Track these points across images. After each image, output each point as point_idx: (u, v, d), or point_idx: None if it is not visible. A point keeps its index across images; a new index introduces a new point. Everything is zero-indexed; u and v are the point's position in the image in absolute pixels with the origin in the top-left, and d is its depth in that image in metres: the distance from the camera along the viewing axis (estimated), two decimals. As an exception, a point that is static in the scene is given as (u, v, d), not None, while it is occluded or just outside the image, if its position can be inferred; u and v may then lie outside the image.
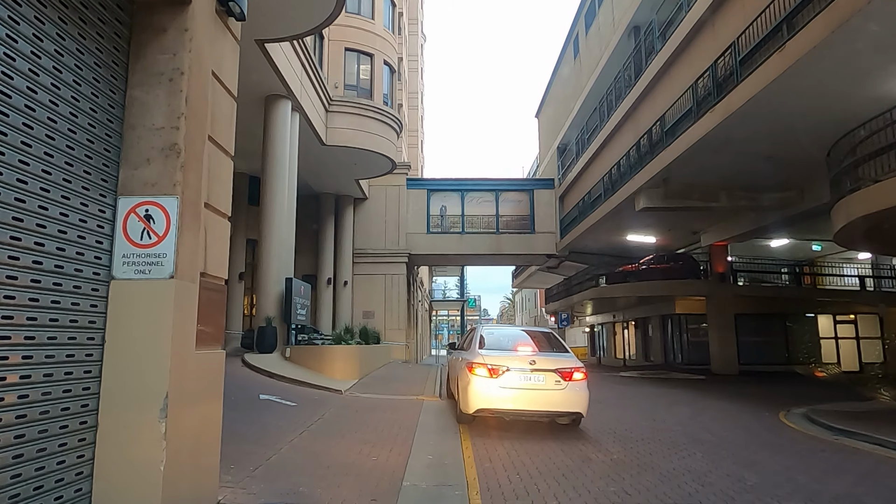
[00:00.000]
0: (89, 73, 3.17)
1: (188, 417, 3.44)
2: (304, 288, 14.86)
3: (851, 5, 7.36)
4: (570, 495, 4.86)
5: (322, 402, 9.47)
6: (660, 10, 15.55)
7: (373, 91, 18.06)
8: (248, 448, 5.62)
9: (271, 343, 12.75)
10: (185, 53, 3.48)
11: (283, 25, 10.47)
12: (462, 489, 4.91)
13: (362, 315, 22.30)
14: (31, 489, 2.73)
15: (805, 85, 9.39)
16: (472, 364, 7.70)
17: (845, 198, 9.89)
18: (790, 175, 13.79)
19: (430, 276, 50.35)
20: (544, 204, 25.89)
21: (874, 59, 8.47)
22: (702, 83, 12.50)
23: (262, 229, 13.70)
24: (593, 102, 22.02)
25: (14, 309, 2.67)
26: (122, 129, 3.44)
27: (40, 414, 2.81)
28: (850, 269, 24.84)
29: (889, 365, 21.95)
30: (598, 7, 22.40)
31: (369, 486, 4.83)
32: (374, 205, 24.13)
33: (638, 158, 16.17)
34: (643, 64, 16.20)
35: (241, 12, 4.10)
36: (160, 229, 3.35)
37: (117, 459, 3.16)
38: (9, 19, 2.64)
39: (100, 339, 3.23)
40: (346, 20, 16.97)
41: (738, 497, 4.97)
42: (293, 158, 14.60)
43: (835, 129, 10.28)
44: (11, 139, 2.65)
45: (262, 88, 13.04)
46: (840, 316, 23.84)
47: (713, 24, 12.19)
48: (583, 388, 7.57)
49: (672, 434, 8.09)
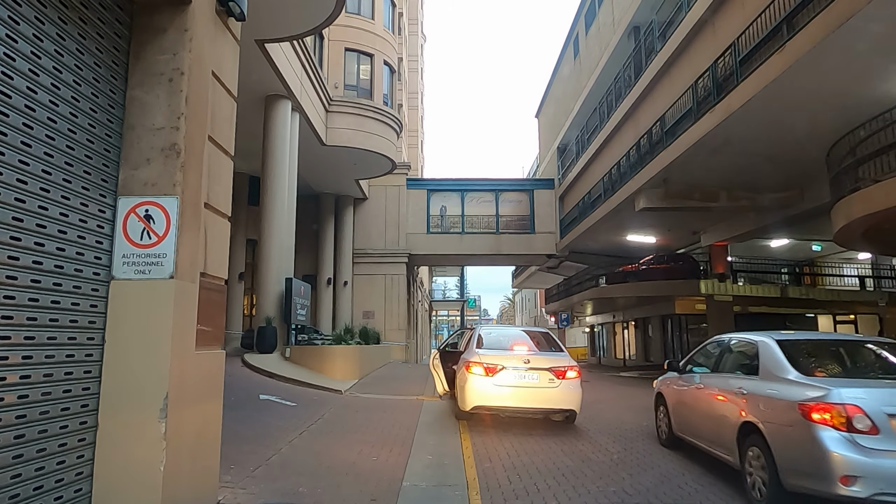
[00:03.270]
0: (89, 74, 3.17)
1: (188, 417, 3.44)
2: (304, 288, 14.86)
3: (851, 5, 7.35)
4: (570, 495, 4.86)
5: (322, 402, 9.48)
6: (660, 10, 15.55)
7: (373, 91, 18.05)
8: (248, 448, 5.62)
9: (271, 343, 12.74)
10: (185, 53, 3.48)
11: (283, 25, 10.47)
12: (462, 489, 4.91)
13: (362, 315, 22.30)
14: (30, 489, 2.73)
15: (805, 85, 9.38)
16: (469, 363, 7.88)
17: (845, 198, 9.89)
18: (790, 175, 13.78)
19: (430, 276, 50.34)
20: (544, 204, 25.89)
21: (874, 59, 8.47)
22: (702, 83, 12.49)
23: (262, 229, 13.69)
24: (593, 102, 22.01)
25: (14, 309, 2.67)
26: (122, 129, 3.44)
27: (40, 414, 2.81)
28: (849, 269, 24.83)
29: (889, 365, 21.89)
30: (598, 7, 22.40)
31: (369, 486, 4.83)
32: (374, 205, 24.13)
33: (638, 158, 16.16)
34: (643, 64, 16.19)
35: (241, 12, 4.11)
36: (160, 229, 3.35)
37: (117, 460, 3.16)
38: (9, 19, 2.64)
39: (100, 340, 3.23)
40: (346, 20, 16.96)
41: (739, 497, 4.97)
42: (293, 158, 14.60)
43: (835, 129, 10.28)
44: (11, 139, 2.65)
45: (262, 88, 13.03)
46: (840, 316, 23.83)
47: (713, 24, 12.18)
48: (576, 386, 7.82)
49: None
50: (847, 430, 4.03)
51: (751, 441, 4.86)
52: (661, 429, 7.30)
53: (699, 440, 6.11)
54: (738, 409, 5.17)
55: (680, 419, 6.71)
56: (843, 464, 3.95)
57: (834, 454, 3.98)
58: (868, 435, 3.99)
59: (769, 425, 4.64)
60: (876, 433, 3.99)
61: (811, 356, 5.34)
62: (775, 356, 5.09)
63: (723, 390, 5.63)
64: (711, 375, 6.18)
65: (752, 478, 4.80)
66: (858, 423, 4.02)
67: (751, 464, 4.85)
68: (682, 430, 6.65)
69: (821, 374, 4.94)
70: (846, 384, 4.38)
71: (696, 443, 6.21)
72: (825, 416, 4.11)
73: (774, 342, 5.26)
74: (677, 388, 6.91)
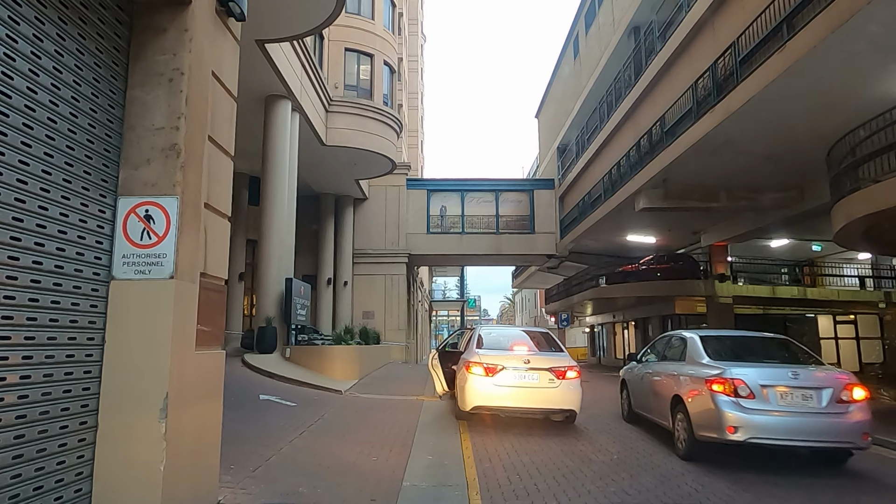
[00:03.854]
0: (89, 74, 3.17)
1: (188, 417, 3.44)
2: (304, 288, 14.86)
3: (851, 5, 7.35)
4: (570, 495, 4.86)
5: (322, 402, 9.48)
6: (660, 10, 15.54)
7: (373, 91, 18.05)
8: (248, 448, 5.62)
9: (271, 343, 12.74)
10: (185, 54, 3.48)
11: (283, 25, 10.47)
12: (462, 489, 4.91)
13: (362, 315, 22.29)
14: (30, 489, 2.73)
15: (805, 85, 9.38)
16: (469, 363, 7.88)
17: (845, 198, 9.88)
18: (790, 175, 13.77)
19: (430, 276, 50.34)
20: (544, 204, 25.89)
21: (874, 59, 8.47)
22: (702, 83, 12.49)
23: (262, 229, 13.69)
24: (593, 103, 22.00)
25: (14, 309, 2.67)
26: (122, 129, 3.44)
27: (40, 414, 2.81)
28: (850, 269, 24.81)
29: (889, 365, 21.92)
30: (598, 7, 22.39)
31: (369, 486, 4.83)
32: (374, 205, 24.13)
33: (638, 159, 16.16)
34: (643, 64, 16.19)
35: (241, 12, 4.10)
36: (160, 229, 3.35)
37: (117, 460, 3.16)
38: (9, 19, 2.64)
39: (100, 340, 3.23)
40: (346, 20, 16.96)
41: (738, 497, 4.98)
42: (293, 158, 14.60)
43: (835, 129, 10.27)
44: (11, 139, 2.65)
45: (262, 88, 13.03)
46: (840, 316, 23.82)
47: (713, 24, 12.18)
48: (576, 386, 7.83)
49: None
50: (734, 396, 5.89)
51: (678, 409, 6.67)
52: (623, 408, 9.14)
53: (648, 413, 7.91)
54: (671, 386, 7.02)
55: (636, 398, 8.54)
56: (730, 418, 5.82)
57: (725, 412, 5.86)
58: (747, 399, 5.86)
59: (687, 395, 6.49)
60: (753, 398, 5.86)
61: (721, 347, 7.08)
62: (697, 347, 6.98)
63: (663, 373, 7.51)
64: (657, 363, 8.02)
65: (678, 434, 6.63)
66: (742, 391, 5.89)
67: (677, 425, 6.66)
68: (638, 407, 8.44)
69: (724, 359, 6.61)
70: (737, 365, 6.26)
71: (646, 415, 8.03)
72: (720, 387, 5.99)
73: (698, 337, 7.19)
74: (634, 375, 8.72)
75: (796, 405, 5.87)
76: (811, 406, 5.87)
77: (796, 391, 5.93)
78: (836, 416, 5.85)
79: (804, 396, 5.92)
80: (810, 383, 6.02)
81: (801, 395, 5.92)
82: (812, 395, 5.92)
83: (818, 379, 6.11)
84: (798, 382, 5.98)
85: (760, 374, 6.02)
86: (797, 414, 5.84)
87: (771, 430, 5.82)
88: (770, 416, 5.81)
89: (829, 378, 6.13)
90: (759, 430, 5.77)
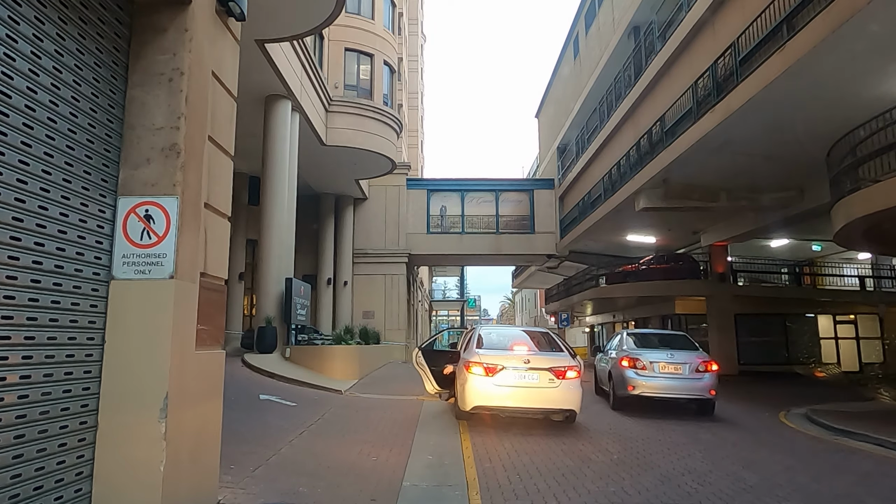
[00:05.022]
0: (89, 73, 3.17)
1: (188, 417, 3.44)
2: (304, 288, 14.86)
3: (851, 5, 7.35)
4: (570, 495, 4.86)
5: (322, 402, 9.48)
6: (660, 10, 15.54)
7: (373, 91, 18.05)
8: (248, 448, 5.62)
9: (271, 343, 12.74)
10: (185, 53, 3.48)
11: (283, 25, 10.47)
12: (462, 489, 4.91)
13: (362, 315, 22.29)
14: (30, 489, 2.73)
15: (805, 85, 9.38)
16: (469, 363, 7.87)
17: (845, 198, 9.89)
18: (790, 175, 13.77)
19: (430, 276, 50.34)
20: (544, 204, 25.88)
21: (874, 59, 8.47)
22: (702, 83, 12.49)
23: (262, 229, 13.69)
24: (593, 103, 21.99)
25: (14, 309, 2.67)
26: (122, 129, 3.44)
27: (40, 414, 2.81)
28: (850, 269, 24.80)
29: (889, 365, 21.90)
30: (598, 7, 22.38)
31: (369, 486, 4.83)
32: (374, 205, 24.12)
33: (638, 158, 16.15)
34: (643, 64, 16.18)
35: (241, 12, 4.10)
36: (160, 229, 3.35)
37: (117, 459, 3.16)
38: (9, 19, 2.63)
39: (100, 340, 3.23)
40: (346, 20, 16.95)
41: (738, 497, 4.98)
42: (293, 158, 14.60)
43: (835, 129, 10.27)
44: (11, 139, 2.65)
45: (262, 88, 13.03)
46: (840, 316, 23.81)
47: (713, 24, 12.18)
48: (576, 386, 7.84)
49: (671, 434, 8.09)
50: (634, 368, 9.84)
51: (610, 379, 10.60)
52: (593, 385, 12.60)
53: (604, 385, 11.53)
54: (609, 365, 10.86)
55: (597, 378, 12.42)
56: (632, 380, 9.78)
57: (629, 377, 9.81)
58: (643, 370, 9.76)
59: (613, 369, 10.46)
60: (645, 369, 9.75)
61: (642, 340, 11.23)
62: (626, 340, 11.12)
63: (607, 358, 11.36)
64: (608, 352, 11.72)
65: (609, 394, 10.75)
66: (639, 365, 9.82)
67: (612, 389, 10.49)
68: (600, 383, 12.13)
69: (640, 347, 10.61)
70: (643, 351, 10.23)
71: (602, 388, 11.68)
72: (626, 363, 9.94)
73: (627, 333, 11.75)
74: (598, 360, 12.64)
75: (670, 373, 9.73)
76: (679, 374, 9.74)
77: (670, 365, 9.76)
78: (693, 381, 9.68)
79: (675, 368, 9.75)
80: (680, 360, 9.78)
81: (673, 368, 9.76)
82: (681, 367, 9.73)
83: (686, 357, 9.87)
84: (673, 360, 9.80)
85: (651, 355, 9.91)
86: (670, 378, 9.72)
87: (654, 388, 9.67)
88: (654, 380, 9.67)
89: (692, 357, 9.86)
90: (647, 388, 9.63)
